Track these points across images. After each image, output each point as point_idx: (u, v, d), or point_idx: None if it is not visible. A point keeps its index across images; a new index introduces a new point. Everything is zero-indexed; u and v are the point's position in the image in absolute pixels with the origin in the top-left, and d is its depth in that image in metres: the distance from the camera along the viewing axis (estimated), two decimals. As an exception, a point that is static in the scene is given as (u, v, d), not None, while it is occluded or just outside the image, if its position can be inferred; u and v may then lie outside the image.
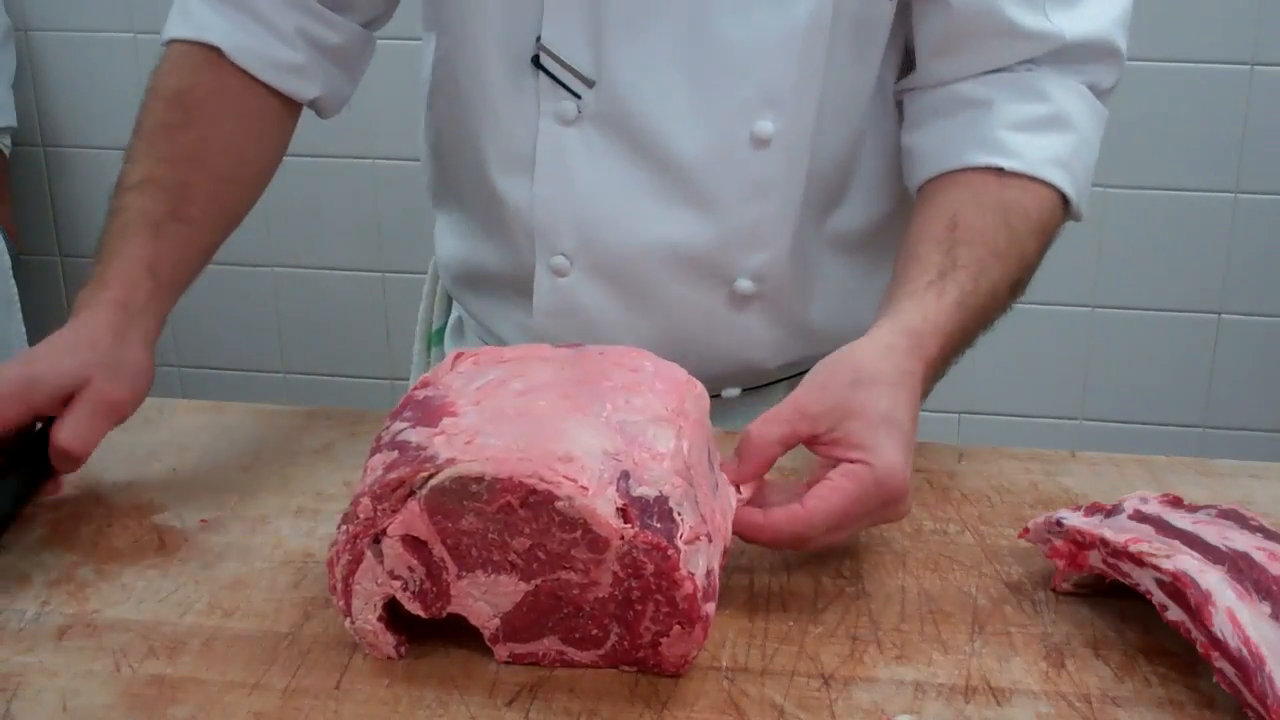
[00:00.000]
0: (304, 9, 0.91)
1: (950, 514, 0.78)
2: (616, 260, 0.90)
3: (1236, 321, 2.13)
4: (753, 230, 0.89)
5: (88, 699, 0.61)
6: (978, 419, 2.23)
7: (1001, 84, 0.87)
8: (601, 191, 0.89)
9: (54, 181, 2.36)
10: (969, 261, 0.79)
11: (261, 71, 0.90)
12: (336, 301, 2.29)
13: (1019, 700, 0.60)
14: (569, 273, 0.91)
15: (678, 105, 0.86)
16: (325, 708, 0.60)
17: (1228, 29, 1.98)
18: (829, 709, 0.60)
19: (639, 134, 0.87)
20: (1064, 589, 0.69)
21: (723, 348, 0.94)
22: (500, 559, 0.60)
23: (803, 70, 0.85)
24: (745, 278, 0.90)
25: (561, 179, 0.89)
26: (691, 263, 0.90)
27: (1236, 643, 0.57)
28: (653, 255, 0.89)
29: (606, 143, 0.87)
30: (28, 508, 0.78)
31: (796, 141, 0.87)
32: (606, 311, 0.92)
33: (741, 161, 0.87)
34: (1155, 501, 0.69)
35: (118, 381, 0.80)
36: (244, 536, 0.77)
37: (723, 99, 0.86)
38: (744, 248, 0.90)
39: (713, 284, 0.91)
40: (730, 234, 0.89)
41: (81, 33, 2.25)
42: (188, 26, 0.91)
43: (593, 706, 0.60)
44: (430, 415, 0.64)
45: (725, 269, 0.90)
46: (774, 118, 0.86)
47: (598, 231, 0.89)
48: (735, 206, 0.88)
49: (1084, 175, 0.88)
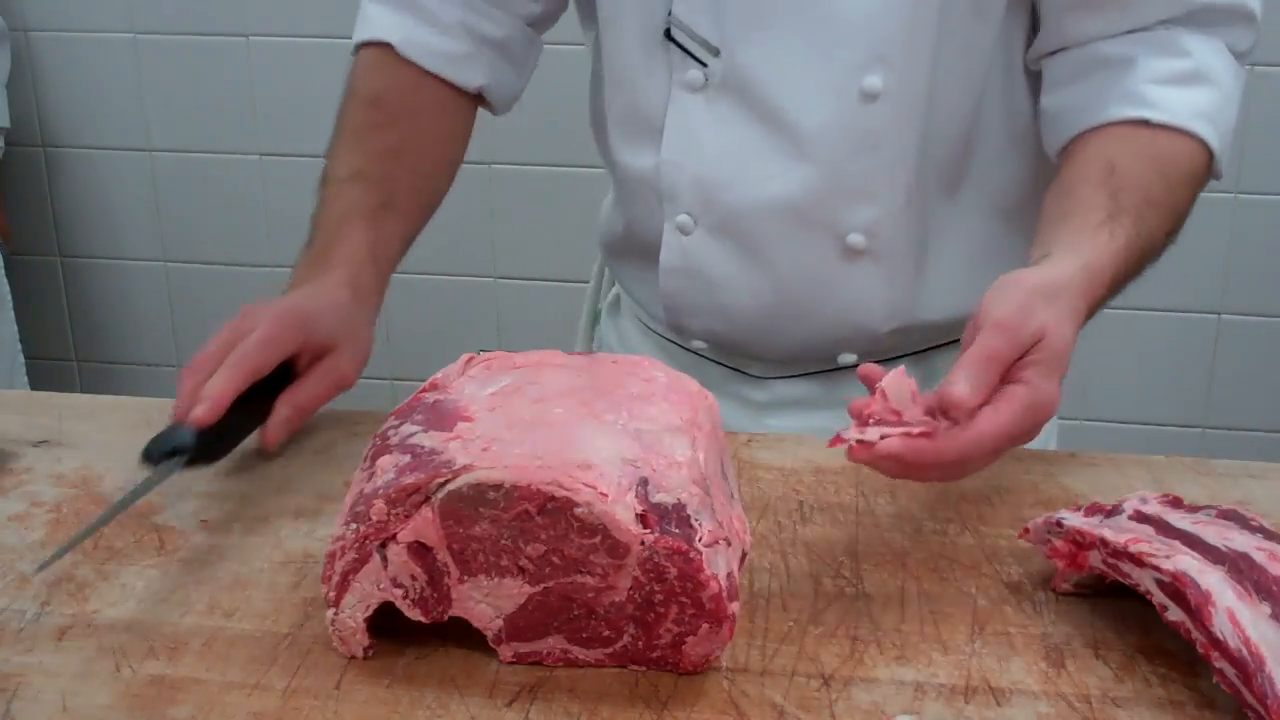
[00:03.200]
0: (465, 4, 0.99)
1: (950, 514, 0.78)
2: (735, 218, 0.94)
3: (1236, 321, 2.13)
4: (863, 184, 0.91)
5: (88, 699, 0.61)
6: (977, 419, 2.22)
7: (1141, 42, 0.88)
8: (722, 152, 0.93)
9: (53, 181, 2.36)
10: (1130, 207, 0.81)
11: (428, 62, 0.98)
12: (336, 301, 2.29)
13: (1019, 700, 0.60)
14: (693, 231, 0.96)
15: (791, 65, 0.89)
16: (325, 708, 0.60)
17: (1227, 29, 1.98)
18: (829, 709, 0.60)
19: (756, 96, 0.91)
20: (1064, 589, 0.69)
21: (835, 305, 0.96)
22: (509, 564, 0.60)
23: (914, 26, 0.87)
24: (857, 232, 0.92)
25: (686, 143, 0.94)
26: (803, 217, 0.92)
27: (1236, 643, 0.57)
28: (766, 211, 0.93)
29: (728, 107, 0.92)
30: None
31: (908, 97, 0.89)
32: (726, 269, 0.96)
33: (850, 116, 0.89)
34: (1155, 501, 0.69)
35: (352, 355, 0.87)
36: (244, 536, 0.77)
37: (833, 56, 0.88)
38: (854, 202, 0.92)
39: (824, 238, 0.93)
40: (840, 188, 0.91)
41: (81, 33, 2.25)
42: (366, 29, 1.01)
43: (593, 707, 0.60)
44: (444, 420, 0.64)
45: (836, 223, 0.92)
46: (883, 73, 0.88)
47: (718, 190, 0.94)
48: (844, 161, 0.90)
49: (1227, 132, 0.89)
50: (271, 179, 2.27)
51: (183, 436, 0.77)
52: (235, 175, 2.28)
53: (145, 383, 2.43)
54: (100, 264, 2.40)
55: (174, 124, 2.28)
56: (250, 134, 2.26)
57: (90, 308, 2.44)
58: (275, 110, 2.23)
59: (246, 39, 2.21)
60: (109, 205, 2.36)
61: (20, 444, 0.89)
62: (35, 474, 0.85)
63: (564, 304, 2.22)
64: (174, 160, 2.30)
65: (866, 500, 0.80)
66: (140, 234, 2.36)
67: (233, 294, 2.35)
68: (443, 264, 2.21)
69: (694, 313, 1.00)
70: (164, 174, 2.31)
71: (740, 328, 0.99)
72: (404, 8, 0.99)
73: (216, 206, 2.31)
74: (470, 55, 1.00)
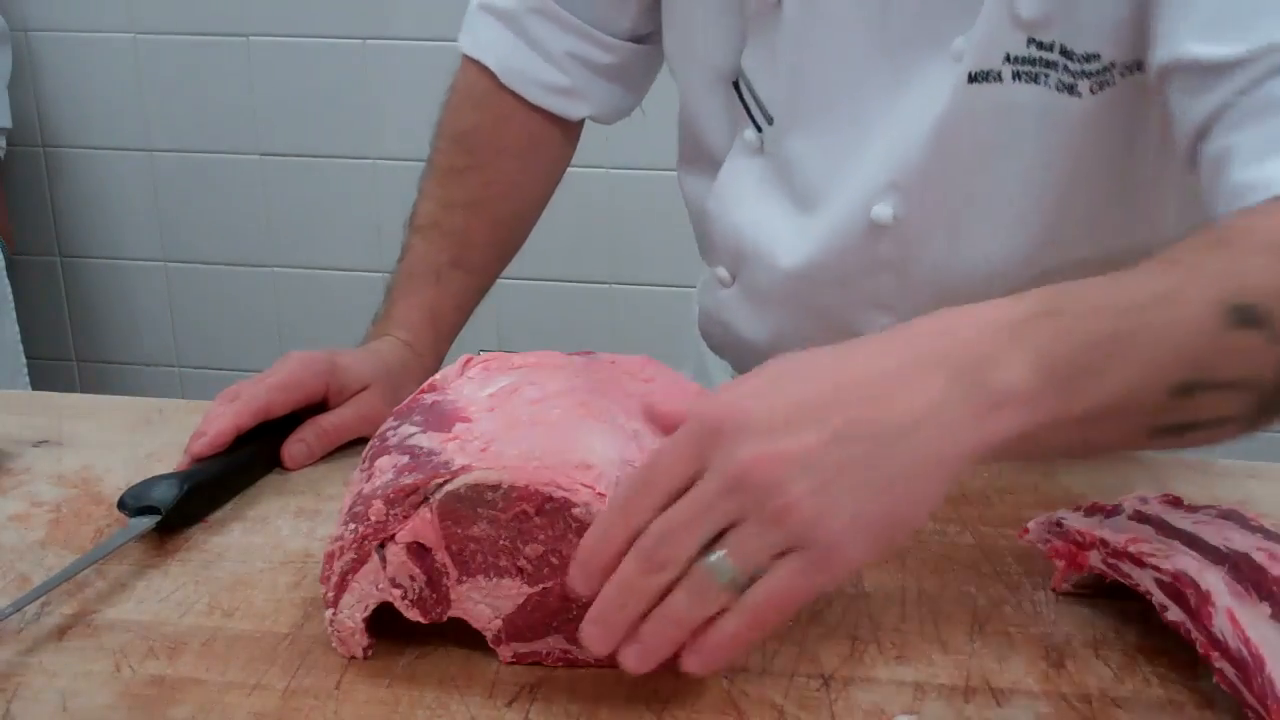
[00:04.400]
0: (576, 31, 0.94)
1: (950, 514, 0.78)
2: (759, 287, 0.92)
3: (1236, 321, 2.13)
4: (874, 296, 0.88)
5: (88, 699, 0.61)
6: (977, 419, 2.22)
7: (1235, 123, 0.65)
8: (761, 220, 0.90)
9: (53, 182, 2.36)
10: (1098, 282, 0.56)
11: (530, 93, 0.95)
12: (336, 301, 2.29)
13: (1019, 700, 0.60)
14: (730, 286, 0.94)
15: (828, 158, 0.86)
16: (325, 708, 0.60)
17: (1227, 29, 1.97)
18: (829, 709, 0.60)
19: (797, 178, 0.87)
20: (1064, 589, 0.69)
21: None
22: (507, 564, 0.60)
23: (933, 157, 0.80)
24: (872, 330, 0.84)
25: (733, 199, 0.91)
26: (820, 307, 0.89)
27: (1236, 643, 0.57)
28: (790, 287, 0.89)
29: (774, 178, 0.89)
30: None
31: (920, 222, 0.83)
32: (757, 335, 0.94)
33: (859, 238, 0.85)
34: (1155, 501, 0.69)
35: (386, 395, 0.87)
36: (244, 536, 0.77)
37: (855, 173, 0.84)
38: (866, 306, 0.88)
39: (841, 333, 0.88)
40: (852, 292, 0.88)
41: (81, 33, 2.25)
42: (471, 42, 0.97)
43: (593, 707, 0.60)
44: (442, 421, 0.64)
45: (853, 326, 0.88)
46: (894, 202, 0.82)
47: (749, 257, 0.91)
48: (855, 274, 0.87)
49: None
50: (271, 179, 2.27)
51: (162, 492, 0.76)
52: (235, 175, 2.28)
53: (145, 383, 2.43)
54: (100, 264, 2.40)
55: (174, 124, 2.28)
56: (250, 134, 2.26)
57: (90, 308, 2.44)
58: (275, 110, 2.23)
59: (246, 39, 2.21)
60: (109, 205, 2.36)
61: (20, 444, 0.89)
62: (35, 474, 0.85)
63: (564, 304, 2.22)
64: (174, 160, 2.30)
65: (866, 500, 0.80)
66: (140, 234, 2.36)
67: (233, 294, 2.35)
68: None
69: (725, 350, 1.01)
70: (164, 174, 2.31)
71: None
72: (512, 27, 0.95)
73: (216, 206, 2.31)
74: (576, 87, 0.96)
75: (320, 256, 2.27)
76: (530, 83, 0.95)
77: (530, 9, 0.95)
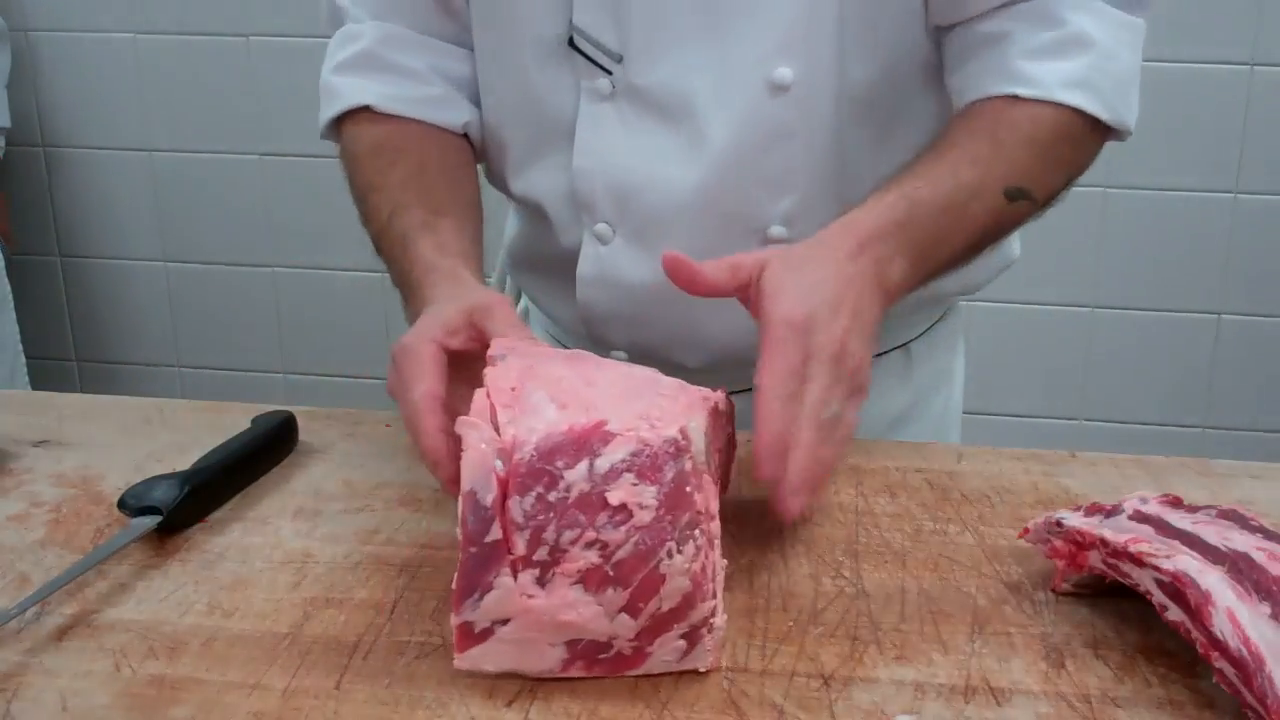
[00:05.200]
0: (431, 49, 0.98)
1: (950, 514, 0.78)
2: (653, 223, 0.93)
3: (1236, 321, 2.13)
4: (780, 176, 0.91)
5: (88, 699, 0.61)
6: (978, 419, 2.23)
7: (1018, 15, 0.88)
8: (634, 158, 0.92)
9: (53, 182, 2.36)
10: (925, 169, 0.81)
11: (409, 110, 0.96)
12: (336, 301, 2.29)
13: (1019, 700, 0.60)
14: (611, 240, 0.95)
15: (695, 66, 0.89)
16: (325, 708, 0.60)
17: (1228, 29, 1.98)
18: (829, 709, 0.60)
19: (663, 99, 0.90)
20: (1064, 589, 0.69)
21: None
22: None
23: (815, 14, 0.87)
24: (777, 224, 0.92)
25: (599, 150, 0.93)
26: (721, 214, 0.92)
27: (1236, 643, 0.57)
28: (684, 212, 0.91)
29: (637, 113, 0.91)
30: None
31: (816, 83, 0.89)
32: (644, 275, 0.94)
33: (760, 110, 0.89)
34: (1155, 502, 0.69)
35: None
36: (244, 536, 0.77)
37: (739, 52, 0.88)
38: (772, 194, 0.91)
39: (744, 233, 0.92)
40: (756, 180, 0.91)
41: (81, 33, 2.26)
42: (338, 103, 0.97)
43: (593, 707, 0.60)
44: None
45: (756, 216, 0.92)
46: (791, 64, 0.88)
47: (633, 196, 0.92)
48: (758, 154, 0.90)
49: (1113, 88, 0.87)
50: (271, 179, 2.27)
51: (163, 493, 0.76)
52: (235, 175, 2.28)
53: (145, 383, 2.43)
54: (100, 264, 2.40)
55: (174, 124, 2.28)
56: (250, 134, 2.26)
57: (90, 308, 2.44)
58: (275, 110, 2.23)
59: (246, 39, 2.21)
60: (109, 205, 2.36)
61: (20, 444, 0.89)
62: (35, 474, 0.85)
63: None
64: (174, 160, 2.30)
65: (866, 500, 0.80)
66: (140, 234, 2.36)
67: (233, 294, 2.35)
68: None
69: (613, 322, 0.98)
70: (164, 174, 2.32)
71: (659, 333, 0.97)
72: (370, 70, 0.96)
73: (216, 206, 2.31)
74: (447, 95, 0.97)
75: (320, 256, 2.27)
76: (405, 102, 0.95)
77: (382, 39, 0.96)
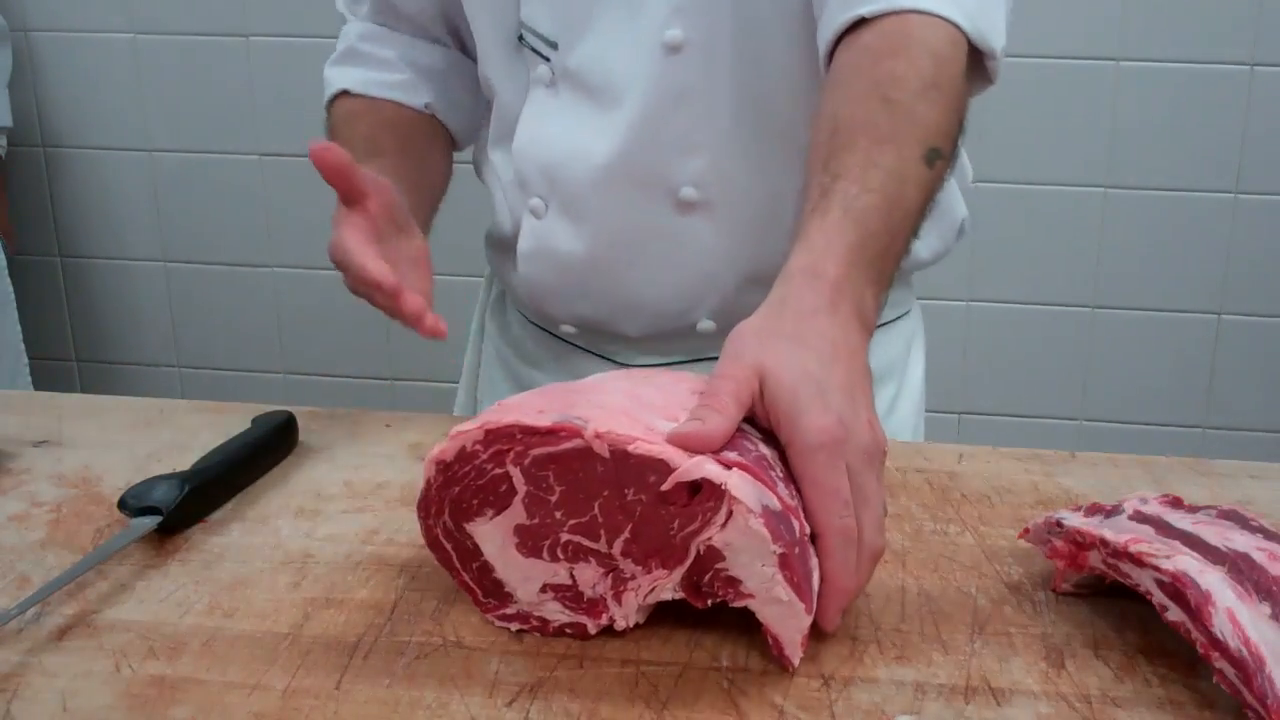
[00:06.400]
0: (403, 43, 1.08)
1: (950, 514, 0.78)
2: (576, 192, 0.97)
3: (1236, 321, 2.13)
4: (684, 137, 0.94)
5: (88, 699, 0.61)
6: (978, 419, 2.23)
7: None
8: (563, 134, 0.96)
9: (53, 182, 2.36)
10: (849, 165, 0.75)
11: (378, 91, 1.06)
12: (336, 301, 2.28)
13: (1019, 700, 0.60)
14: (544, 215, 0.99)
15: (614, 40, 0.93)
16: (325, 708, 0.60)
17: (1228, 29, 1.98)
18: (829, 709, 0.60)
19: (586, 75, 0.95)
20: (1064, 589, 0.69)
21: (678, 261, 0.98)
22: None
23: None
24: (688, 185, 0.95)
25: (535, 132, 0.98)
26: (633, 177, 0.95)
27: (1236, 643, 0.57)
28: (599, 178, 0.95)
29: (572, 94, 0.96)
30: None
31: (712, 46, 0.91)
32: (574, 245, 0.98)
33: (657, 70, 0.92)
34: (1155, 502, 0.69)
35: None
36: (244, 536, 0.77)
37: (643, 22, 0.92)
38: (679, 155, 0.94)
39: (657, 195, 0.96)
40: (662, 142, 0.94)
41: (81, 33, 2.25)
42: (328, 90, 1.09)
43: (593, 707, 0.60)
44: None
45: (666, 178, 0.95)
46: (682, 25, 0.90)
47: (560, 169, 0.97)
48: (660, 115, 0.93)
49: (972, 2, 0.82)
50: (271, 179, 2.27)
51: (163, 493, 0.76)
52: (235, 175, 2.28)
53: (145, 383, 2.43)
54: (101, 264, 2.40)
55: (174, 124, 2.28)
56: (250, 134, 2.26)
57: (91, 308, 2.44)
58: (275, 110, 2.23)
59: (246, 39, 2.21)
60: (109, 205, 2.36)
61: (20, 444, 0.89)
62: (35, 474, 0.85)
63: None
64: (174, 160, 2.30)
65: (866, 500, 0.80)
66: (141, 234, 2.36)
67: (233, 294, 2.35)
68: (444, 264, 2.21)
69: (553, 296, 1.03)
70: (164, 174, 2.32)
71: (597, 304, 1.01)
72: (351, 61, 1.08)
73: (216, 206, 2.31)
74: (412, 80, 1.07)
75: (320, 256, 2.24)
76: (374, 84, 1.07)
77: (360, 36, 1.09)
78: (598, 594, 0.64)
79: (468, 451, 0.62)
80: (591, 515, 0.62)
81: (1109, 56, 2.03)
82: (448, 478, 0.63)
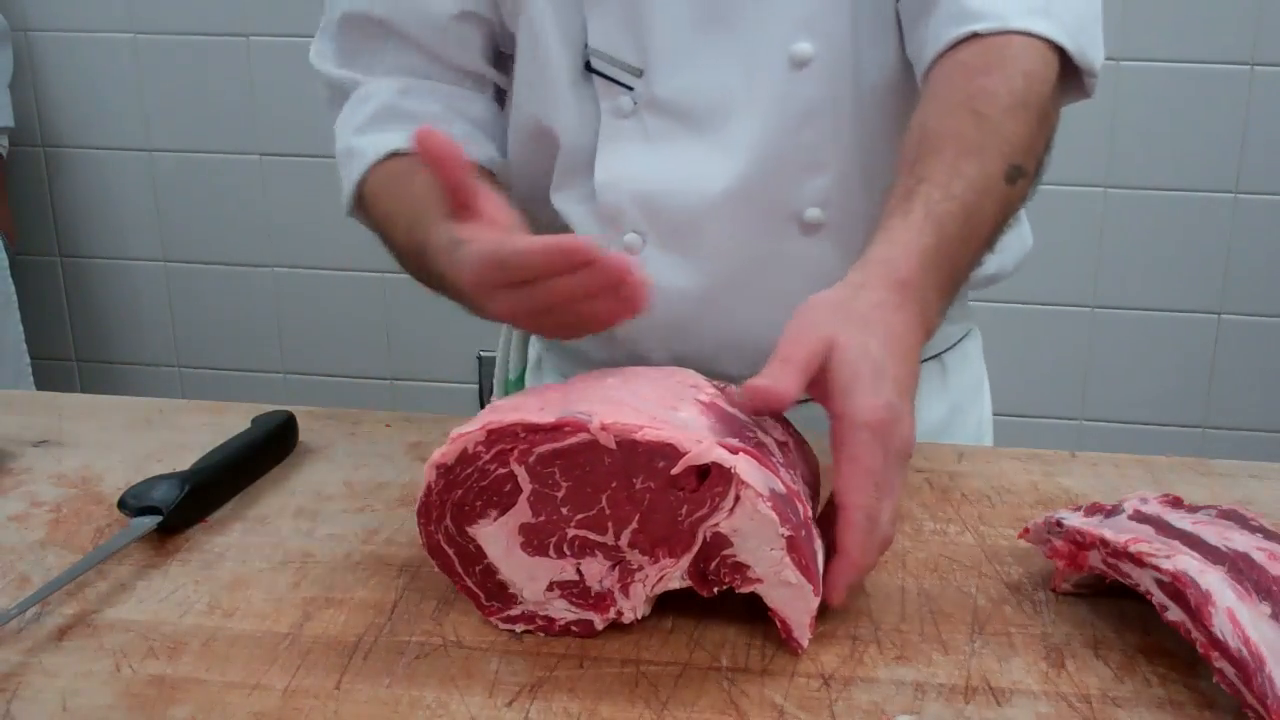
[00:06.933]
0: (445, 94, 0.97)
1: (950, 514, 0.78)
2: (685, 226, 0.92)
3: (1236, 321, 2.13)
4: (810, 154, 0.90)
5: (88, 699, 0.61)
6: (978, 419, 2.22)
7: None
8: (661, 165, 0.91)
9: (53, 182, 2.36)
10: (935, 170, 0.77)
11: None
12: (336, 301, 2.29)
13: (1019, 700, 0.60)
14: (642, 249, 0.93)
15: (720, 62, 0.89)
16: (325, 708, 0.60)
17: (1228, 29, 1.98)
18: (829, 709, 0.60)
19: (689, 104, 0.90)
20: (1064, 589, 0.69)
21: (798, 287, 0.88)
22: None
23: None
24: (813, 206, 0.91)
25: (622, 165, 0.92)
26: (759, 205, 0.91)
27: (1236, 643, 0.57)
28: (719, 211, 0.91)
29: (660, 123, 0.91)
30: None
31: (837, 59, 0.89)
32: (682, 281, 0.92)
33: (784, 86, 0.89)
34: (1155, 501, 0.69)
35: None
36: (244, 536, 0.77)
37: (759, 37, 0.88)
38: (805, 174, 0.91)
39: (781, 219, 0.92)
40: (788, 162, 0.90)
41: (81, 33, 2.25)
42: (363, 161, 0.95)
43: (593, 707, 0.60)
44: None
45: (792, 202, 0.91)
46: (810, 38, 0.88)
47: (663, 201, 0.91)
48: (786, 134, 0.89)
49: (1075, 21, 0.85)
50: (271, 179, 2.27)
51: (163, 493, 0.76)
52: (235, 175, 2.28)
53: (145, 383, 2.43)
54: (101, 264, 2.40)
55: (174, 124, 2.28)
56: (250, 134, 2.26)
57: (91, 308, 2.44)
58: (275, 110, 2.23)
59: (246, 39, 2.21)
60: (110, 205, 2.36)
61: (20, 444, 0.89)
62: (35, 474, 0.85)
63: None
64: (174, 160, 2.30)
65: (866, 500, 0.80)
66: (141, 234, 2.36)
67: (233, 294, 2.35)
68: None
69: (649, 335, 0.96)
70: (164, 174, 2.31)
71: (701, 342, 0.95)
72: (391, 121, 0.95)
73: (216, 206, 2.31)
74: (470, 134, 0.97)
75: (320, 256, 2.27)
76: None
77: (400, 90, 0.96)
78: (605, 588, 0.64)
79: (469, 453, 0.62)
80: (599, 508, 0.62)
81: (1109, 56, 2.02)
82: (449, 481, 0.63)
